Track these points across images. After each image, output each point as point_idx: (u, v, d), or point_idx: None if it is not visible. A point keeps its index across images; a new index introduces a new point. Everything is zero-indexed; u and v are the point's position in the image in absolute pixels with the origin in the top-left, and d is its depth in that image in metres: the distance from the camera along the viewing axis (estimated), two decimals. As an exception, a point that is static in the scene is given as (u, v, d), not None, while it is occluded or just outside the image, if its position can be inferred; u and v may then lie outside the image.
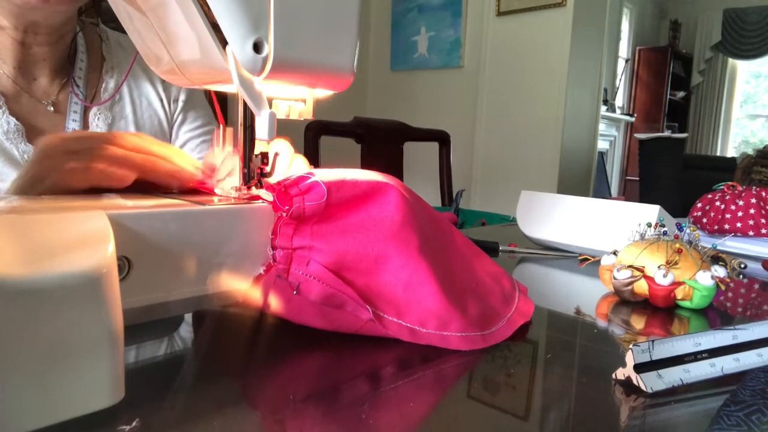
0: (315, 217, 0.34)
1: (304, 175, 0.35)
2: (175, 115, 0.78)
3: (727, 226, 0.80)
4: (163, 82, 0.76)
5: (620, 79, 5.57)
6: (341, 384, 0.31)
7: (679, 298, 0.47)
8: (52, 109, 0.65)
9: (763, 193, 0.79)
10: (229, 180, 0.41)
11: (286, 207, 0.33)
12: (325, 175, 0.35)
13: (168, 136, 0.77)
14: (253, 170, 0.39)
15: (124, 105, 0.71)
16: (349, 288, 0.34)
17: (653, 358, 0.31)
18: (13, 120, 0.60)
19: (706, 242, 0.53)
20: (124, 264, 0.29)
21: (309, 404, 0.28)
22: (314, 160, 1.33)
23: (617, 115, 5.27)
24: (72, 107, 0.66)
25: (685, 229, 0.50)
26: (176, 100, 0.78)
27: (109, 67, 0.71)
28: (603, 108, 4.21)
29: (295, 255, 0.34)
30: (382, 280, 0.35)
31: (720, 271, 0.47)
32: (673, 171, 3.42)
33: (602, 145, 4.95)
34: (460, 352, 0.35)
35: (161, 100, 0.75)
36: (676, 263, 0.47)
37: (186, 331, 0.39)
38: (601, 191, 4.44)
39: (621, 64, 5.52)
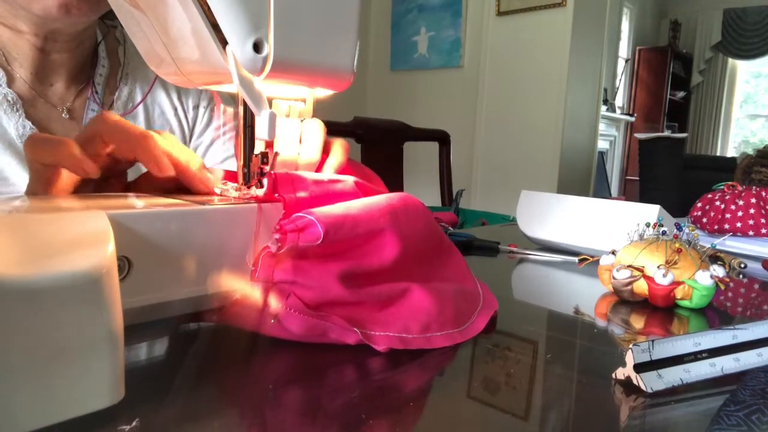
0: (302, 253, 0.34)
1: (303, 211, 0.35)
2: (200, 120, 0.77)
3: (727, 226, 0.80)
4: (178, 90, 0.75)
5: (620, 79, 5.57)
6: (348, 385, 0.31)
7: (678, 297, 0.47)
8: (67, 115, 0.64)
9: (763, 193, 0.79)
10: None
11: (279, 244, 0.33)
12: (326, 210, 0.35)
13: (187, 143, 0.75)
14: (253, 170, 0.39)
15: (137, 113, 0.70)
16: (331, 315, 0.34)
17: (653, 358, 0.31)
18: (29, 124, 0.59)
19: (706, 242, 0.53)
20: (124, 264, 0.29)
21: (311, 404, 0.28)
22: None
23: (617, 115, 5.27)
24: (88, 114, 0.65)
25: (684, 228, 0.50)
26: (197, 107, 0.77)
27: (124, 74, 0.70)
28: (603, 108, 4.21)
29: (275, 288, 0.34)
30: (365, 306, 0.36)
31: (719, 271, 0.47)
32: (673, 171, 3.42)
33: (602, 145, 4.95)
34: (452, 351, 0.35)
35: (175, 109, 0.74)
36: (675, 263, 0.47)
37: (186, 330, 0.39)
38: (601, 191, 4.44)
39: (621, 64, 5.52)
